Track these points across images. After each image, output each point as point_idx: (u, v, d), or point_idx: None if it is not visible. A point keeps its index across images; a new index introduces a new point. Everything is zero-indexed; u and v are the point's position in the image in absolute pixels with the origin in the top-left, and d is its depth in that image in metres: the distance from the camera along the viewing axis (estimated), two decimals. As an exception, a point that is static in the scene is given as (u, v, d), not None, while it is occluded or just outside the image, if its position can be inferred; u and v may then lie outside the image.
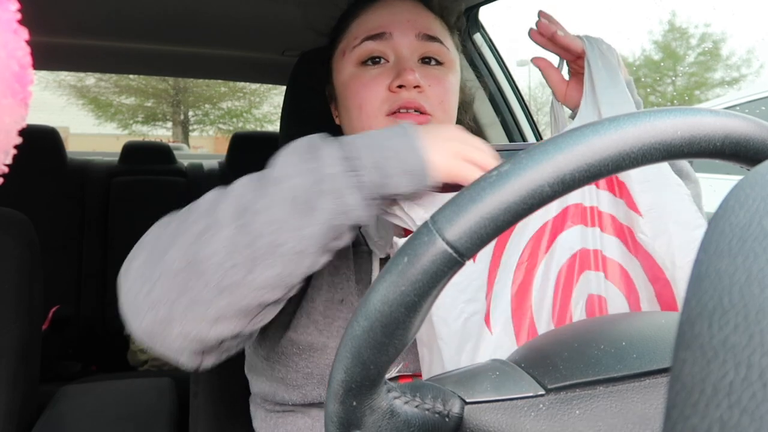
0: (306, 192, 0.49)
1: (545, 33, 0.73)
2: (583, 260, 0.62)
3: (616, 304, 0.62)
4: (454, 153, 0.53)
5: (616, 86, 0.67)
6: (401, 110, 0.70)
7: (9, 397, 0.96)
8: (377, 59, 0.73)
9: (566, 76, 0.77)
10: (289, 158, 0.52)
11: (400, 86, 0.70)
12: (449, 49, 0.76)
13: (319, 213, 0.49)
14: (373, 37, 0.73)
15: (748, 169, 0.29)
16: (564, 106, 0.77)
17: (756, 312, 0.17)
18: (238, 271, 0.48)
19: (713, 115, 0.32)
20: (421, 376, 0.61)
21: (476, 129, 1.37)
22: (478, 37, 1.38)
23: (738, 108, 3.50)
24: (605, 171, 0.30)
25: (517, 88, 1.44)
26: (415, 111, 0.71)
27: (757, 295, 0.17)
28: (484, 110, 1.38)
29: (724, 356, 0.17)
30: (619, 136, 0.30)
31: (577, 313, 0.62)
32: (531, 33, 0.75)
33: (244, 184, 0.52)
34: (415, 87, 0.71)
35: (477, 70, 1.35)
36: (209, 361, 0.54)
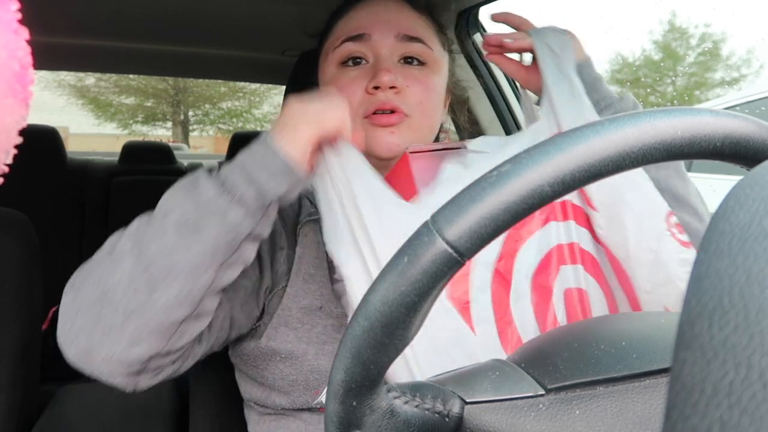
0: (190, 217, 0.55)
1: (494, 44, 0.75)
2: (559, 256, 0.63)
3: (595, 297, 0.62)
4: (307, 139, 0.58)
5: (562, 81, 0.67)
6: (377, 112, 0.71)
7: (9, 397, 0.96)
8: (357, 60, 0.73)
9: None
10: (174, 193, 0.58)
11: (376, 87, 0.70)
12: (433, 49, 0.76)
13: (205, 233, 0.54)
14: (353, 38, 0.73)
15: (748, 170, 0.29)
16: (530, 93, 0.78)
17: (756, 312, 0.17)
18: (140, 295, 0.53)
19: (713, 116, 0.32)
20: None
21: (473, 130, 1.37)
22: (478, 37, 1.38)
23: (738, 108, 3.50)
24: (605, 171, 0.30)
25: (516, 87, 1.44)
26: (392, 112, 0.71)
27: (757, 295, 0.17)
28: (483, 110, 1.38)
29: (724, 356, 0.17)
30: (619, 136, 0.30)
31: (560, 309, 0.62)
32: (485, 54, 0.77)
33: (138, 221, 0.58)
34: (391, 88, 0.70)
35: (477, 70, 1.35)
36: (145, 382, 0.58)
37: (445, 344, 0.56)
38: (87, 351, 0.55)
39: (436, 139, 0.83)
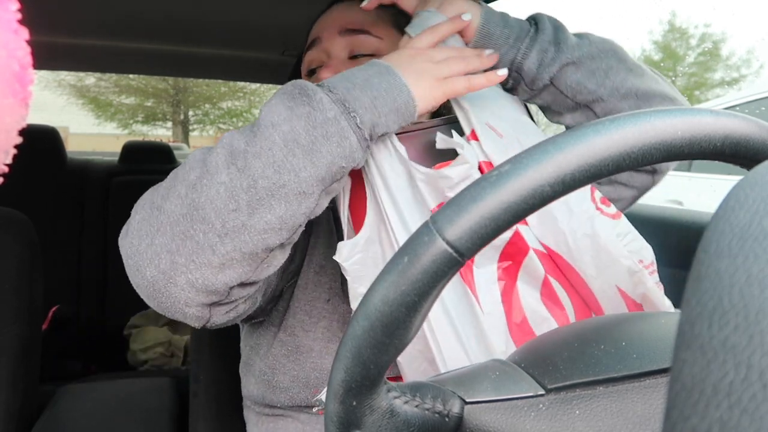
0: (303, 135, 0.49)
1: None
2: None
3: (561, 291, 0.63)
4: (434, 79, 0.55)
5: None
6: None
7: (9, 397, 0.96)
8: (316, 68, 0.73)
9: None
10: (279, 105, 0.52)
11: None
12: (382, 37, 0.71)
13: (322, 155, 0.49)
14: (310, 46, 0.73)
15: (748, 170, 0.29)
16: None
17: (756, 312, 0.17)
18: (240, 215, 0.48)
19: (713, 116, 0.32)
20: (401, 379, 0.61)
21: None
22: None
23: (738, 108, 3.50)
24: (606, 171, 0.30)
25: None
26: None
27: (757, 295, 0.17)
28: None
29: (724, 357, 0.17)
30: (619, 136, 0.30)
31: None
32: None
33: (231, 135, 0.52)
34: None
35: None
36: (218, 316, 0.53)
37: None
38: (169, 273, 0.48)
39: None
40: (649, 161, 0.31)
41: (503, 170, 0.31)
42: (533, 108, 0.75)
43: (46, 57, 1.75)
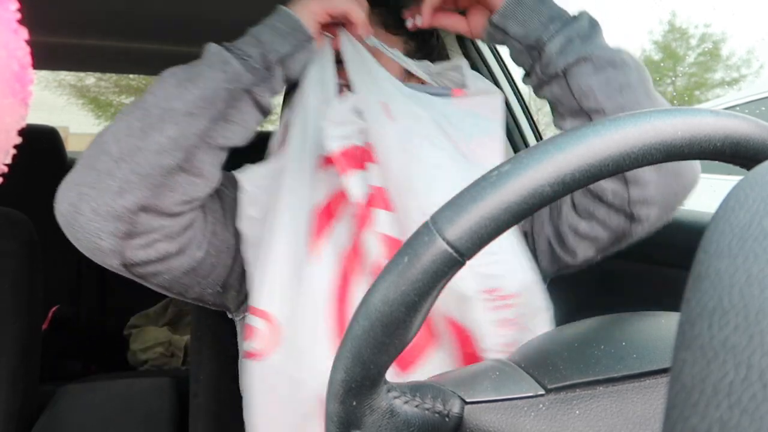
0: (193, 69, 0.59)
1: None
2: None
3: None
4: (316, 7, 0.64)
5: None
6: None
7: (9, 397, 0.96)
8: None
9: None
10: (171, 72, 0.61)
11: None
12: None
13: (206, 79, 0.58)
14: None
15: (748, 170, 0.29)
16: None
17: (756, 313, 0.17)
18: (133, 139, 0.54)
19: (714, 116, 0.32)
20: None
21: None
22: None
23: (738, 108, 3.50)
24: (606, 171, 0.30)
25: (517, 87, 1.43)
26: None
27: (757, 295, 0.17)
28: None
29: (724, 357, 0.17)
30: (620, 137, 0.30)
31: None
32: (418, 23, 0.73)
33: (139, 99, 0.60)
34: None
35: (477, 71, 1.35)
36: (132, 250, 0.57)
37: None
38: (76, 204, 0.56)
39: None
40: (649, 161, 0.31)
41: (503, 170, 0.31)
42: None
43: (46, 57, 1.74)
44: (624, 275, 1.18)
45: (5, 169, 0.25)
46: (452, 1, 0.72)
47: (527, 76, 0.70)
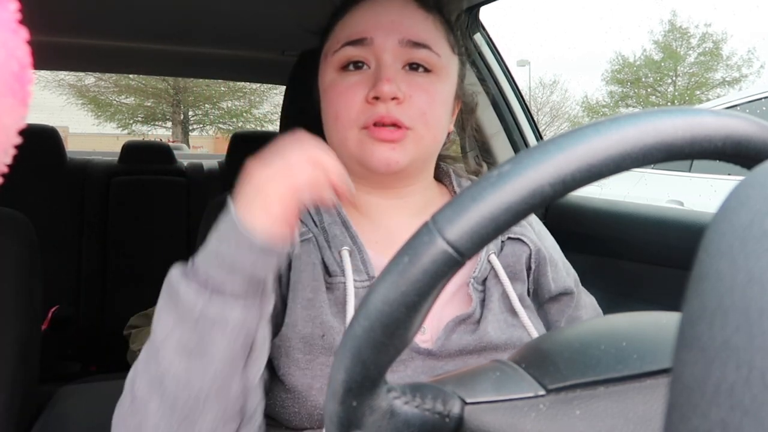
0: (189, 339, 0.50)
1: None
2: None
3: None
4: (278, 201, 0.51)
5: None
6: (376, 124, 0.66)
7: (8, 397, 0.96)
8: (359, 64, 0.69)
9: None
10: (161, 313, 0.52)
11: (376, 97, 0.66)
12: (440, 54, 0.69)
13: (214, 350, 0.50)
14: (354, 42, 0.68)
15: (749, 170, 0.29)
16: None
17: (757, 313, 0.17)
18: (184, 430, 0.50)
19: (714, 116, 0.32)
20: None
21: (479, 138, 1.35)
22: (478, 37, 1.38)
23: (739, 108, 3.50)
24: (606, 171, 0.30)
25: (517, 87, 1.44)
26: (392, 125, 0.66)
27: (759, 296, 0.17)
28: (487, 119, 1.38)
29: (725, 357, 0.17)
30: (620, 136, 0.30)
31: None
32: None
33: (145, 352, 0.53)
34: (392, 99, 0.65)
35: (478, 71, 1.35)
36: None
37: None
38: None
39: (442, 148, 0.80)
40: (650, 161, 0.31)
41: (503, 170, 0.30)
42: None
43: (46, 57, 1.75)
44: (624, 275, 1.18)
45: (5, 169, 0.25)
46: None
47: None
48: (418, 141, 0.68)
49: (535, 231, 0.77)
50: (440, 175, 0.81)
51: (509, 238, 0.73)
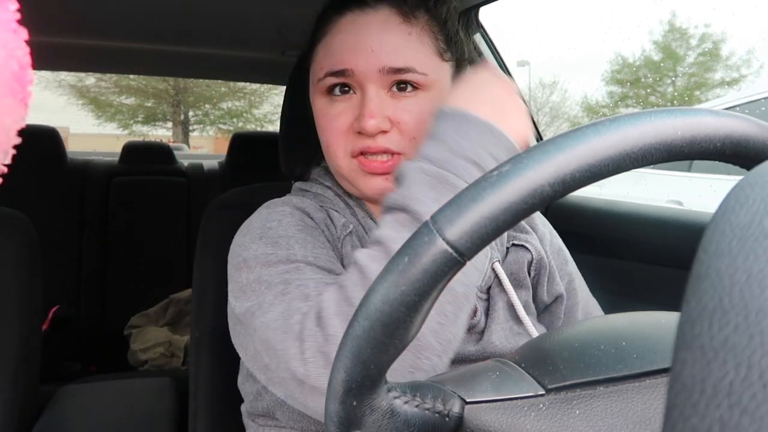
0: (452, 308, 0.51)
1: None
2: None
3: None
4: (515, 104, 0.59)
5: None
6: (365, 153, 0.66)
7: (9, 397, 0.96)
8: (345, 88, 0.67)
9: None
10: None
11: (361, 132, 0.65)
12: (427, 73, 0.66)
13: (460, 322, 0.52)
14: (335, 73, 0.66)
15: (749, 170, 0.29)
16: None
17: (756, 312, 0.17)
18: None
19: (714, 116, 0.32)
20: None
21: None
22: (478, 38, 1.38)
23: (738, 108, 3.50)
24: (606, 171, 0.30)
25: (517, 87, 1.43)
26: (383, 153, 0.66)
27: (758, 295, 0.17)
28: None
29: (724, 357, 0.17)
30: (620, 136, 0.30)
31: None
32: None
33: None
34: (379, 132, 0.65)
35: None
36: None
37: None
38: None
39: None
40: (649, 161, 0.31)
41: (503, 170, 0.30)
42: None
43: (46, 57, 1.75)
44: (624, 275, 1.18)
45: (5, 170, 0.25)
46: None
47: None
48: None
49: (538, 234, 0.76)
50: None
51: (513, 244, 0.72)
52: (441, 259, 0.30)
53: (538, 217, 0.80)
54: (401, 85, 0.66)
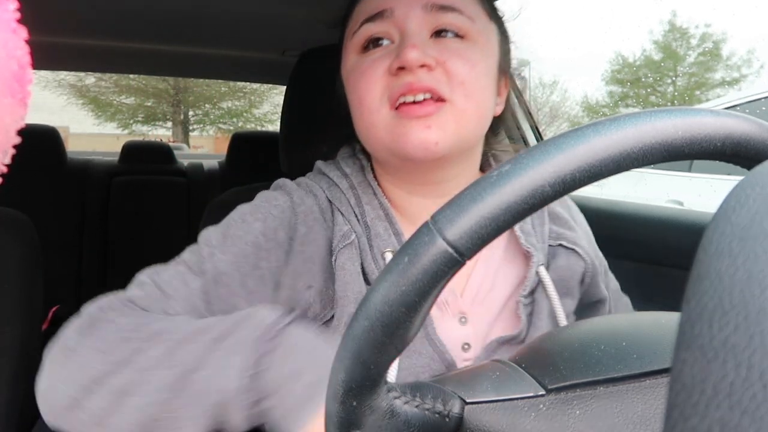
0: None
1: None
2: None
3: None
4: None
5: None
6: (406, 99, 0.56)
7: (9, 397, 0.96)
8: (380, 41, 0.60)
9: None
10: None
11: (401, 68, 0.57)
12: (474, 19, 0.60)
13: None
14: (372, 18, 0.60)
15: (749, 170, 0.29)
16: None
17: (756, 313, 0.17)
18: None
19: (714, 116, 0.32)
20: None
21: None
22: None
23: (738, 108, 3.50)
24: (606, 171, 0.30)
25: (517, 87, 1.43)
26: (426, 96, 0.56)
27: (758, 295, 0.17)
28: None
29: (724, 357, 0.17)
30: (620, 136, 0.30)
31: None
32: None
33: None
34: (421, 66, 0.56)
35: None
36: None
37: None
38: None
39: (488, 139, 0.69)
40: (649, 161, 0.31)
41: (503, 170, 0.30)
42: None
43: (46, 57, 1.75)
44: (624, 275, 1.18)
45: (5, 169, 0.25)
46: None
47: None
48: (459, 116, 0.58)
49: (583, 230, 0.71)
50: (485, 166, 0.70)
51: (562, 245, 0.65)
52: (441, 259, 0.30)
53: (574, 209, 0.74)
54: (442, 33, 0.59)
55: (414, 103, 0.56)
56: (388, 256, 0.60)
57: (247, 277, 0.60)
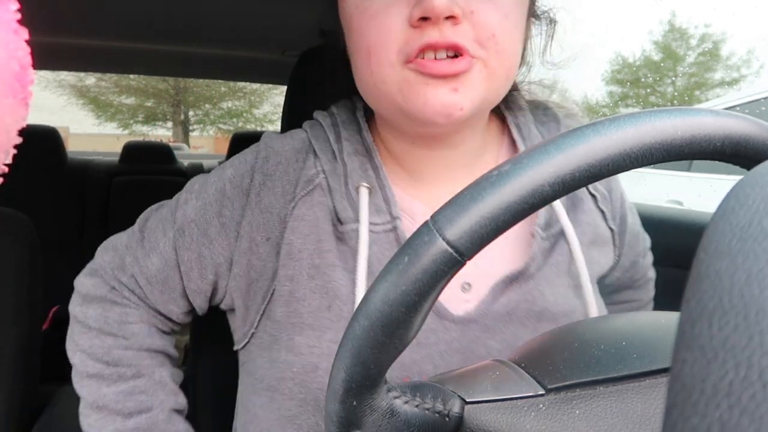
0: None
1: None
2: None
3: None
4: None
5: None
6: (426, 54, 0.46)
7: (9, 397, 0.96)
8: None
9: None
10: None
11: (424, 18, 0.46)
12: None
13: None
14: None
15: (748, 170, 0.29)
16: None
17: (756, 312, 0.17)
18: None
19: (714, 116, 0.32)
20: None
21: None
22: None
23: (738, 108, 3.50)
24: (605, 171, 0.30)
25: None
26: (450, 53, 0.47)
27: (757, 295, 0.17)
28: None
29: (724, 356, 0.17)
30: (619, 136, 0.30)
31: None
32: None
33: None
34: (447, 18, 0.46)
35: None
36: None
37: None
38: None
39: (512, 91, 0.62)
40: (649, 161, 0.31)
41: (503, 170, 0.31)
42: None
43: (46, 57, 1.75)
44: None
45: (5, 169, 0.25)
46: None
47: None
48: (489, 77, 0.49)
49: (618, 200, 0.65)
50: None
51: (592, 194, 0.61)
52: (441, 258, 0.30)
53: (616, 181, 0.66)
54: None
55: (438, 59, 0.47)
56: (363, 191, 0.53)
57: (209, 225, 0.59)
